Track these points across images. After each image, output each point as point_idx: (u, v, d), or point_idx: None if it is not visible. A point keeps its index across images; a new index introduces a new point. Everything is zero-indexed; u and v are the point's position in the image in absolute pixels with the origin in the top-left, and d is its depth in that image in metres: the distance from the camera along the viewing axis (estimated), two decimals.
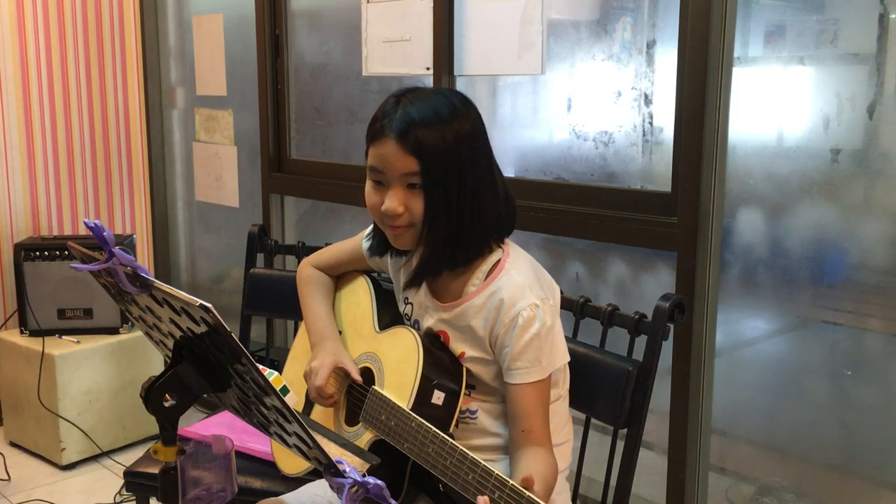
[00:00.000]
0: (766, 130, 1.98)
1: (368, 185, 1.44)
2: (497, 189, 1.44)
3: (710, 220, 1.96)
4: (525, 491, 1.13)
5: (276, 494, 1.64)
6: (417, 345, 1.43)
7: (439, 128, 1.35)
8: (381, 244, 1.57)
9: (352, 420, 1.52)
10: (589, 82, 2.31)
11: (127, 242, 3.31)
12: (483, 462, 1.20)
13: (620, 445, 1.62)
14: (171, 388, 1.10)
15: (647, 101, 2.17)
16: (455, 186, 1.37)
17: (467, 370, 1.46)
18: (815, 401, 1.99)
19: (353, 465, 1.04)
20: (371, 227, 1.61)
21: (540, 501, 1.11)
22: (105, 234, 1.08)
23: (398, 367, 1.45)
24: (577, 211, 2.22)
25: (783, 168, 1.93)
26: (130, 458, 2.83)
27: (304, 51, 3.10)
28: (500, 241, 1.48)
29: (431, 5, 2.48)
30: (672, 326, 1.59)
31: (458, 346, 1.47)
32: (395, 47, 2.62)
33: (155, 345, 1.25)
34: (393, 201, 1.39)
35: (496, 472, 1.18)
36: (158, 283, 1.05)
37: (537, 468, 1.32)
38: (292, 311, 1.93)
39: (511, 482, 1.15)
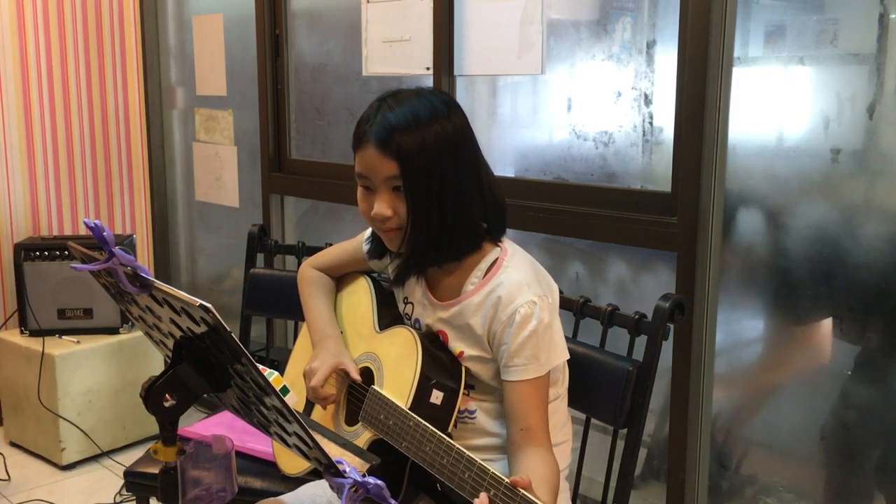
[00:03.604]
0: (766, 130, 1.98)
1: (359, 192, 1.45)
2: (483, 188, 1.44)
3: (710, 220, 1.96)
4: (520, 490, 1.13)
5: (276, 494, 1.64)
6: (416, 344, 1.43)
7: (419, 131, 1.36)
8: (378, 247, 1.58)
9: (351, 420, 1.52)
10: (589, 82, 2.31)
11: (127, 242, 3.31)
12: (479, 461, 1.21)
13: (620, 445, 1.62)
14: (171, 388, 1.10)
15: (647, 101, 2.17)
16: (437, 187, 1.37)
17: (466, 370, 1.46)
18: (815, 401, 1.99)
19: (352, 465, 1.04)
20: (370, 230, 1.61)
21: (534, 499, 1.11)
22: (105, 234, 1.08)
23: (397, 367, 1.45)
24: (577, 211, 2.22)
25: (783, 168, 1.93)
26: (130, 458, 2.83)
27: (304, 51, 3.10)
28: (496, 240, 1.48)
29: (431, 5, 2.48)
30: (672, 326, 1.59)
31: (456, 344, 1.47)
32: (395, 47, 2.62)
33: (155, 345, 1.25)
34: (381, 206, 1.40)
35: (491, 470, 1.18)
36: (158, 283, 1.05)
37: (539, 473, 1.31)
38: (292, 311, 1.93)
39: (506, 480, 1.15)
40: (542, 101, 2.48)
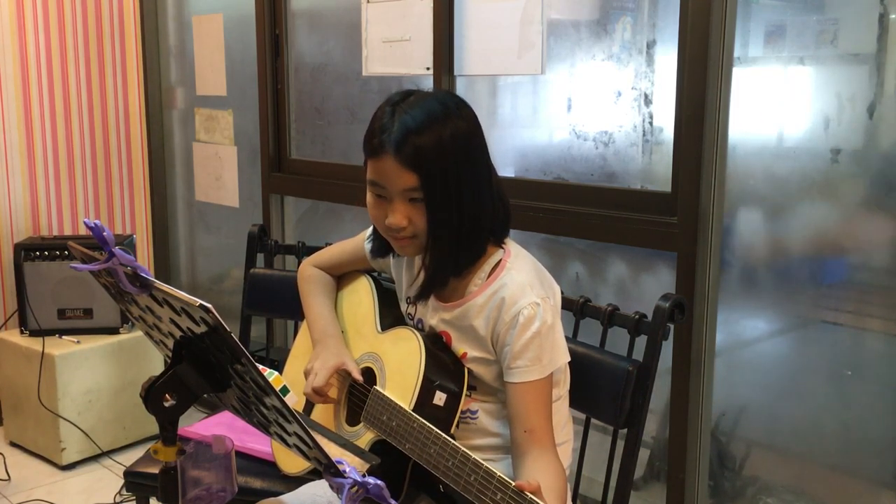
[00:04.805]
0: (766, 130, 1.98)
1: (370, 198, 1.43)
2: (493, 190, 1.44)
3: (710, 220, 1.96)
4: (527, 493, 1.13)
5: (276, 494, 1.64)
6: (419, 345, 1.43)
7: (435, 131, 1.35)
8: (382, 247, 1.56)
9: (353, 420, 1.52)
10: (589, 82, 2.31)
11: (127, 242, 3.31)
12: (485, 464, 1.20)
13: (620, 445, 1.62)
14: (171, 388, 1.10)
15: (647, 101, 2.17)
16: (454, 190, 1.36)
17: (469, 371, 1.46)
18: (815, 401, 1.99)
19: (353, 465, 1.04)
20: (371, 228, 1.61)
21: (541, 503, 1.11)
22: (105, 234, 1.08)
23: (400, 368, 1.45)
24: (577, 211, 2.22)
25: (783, 168, 1.93)
26: (130, 458, 2.83)
27: (304, 51, 3.10)
28: (500, 241, 1.48)
29: (431, 5, 2.48)
30: (672, 326, 1.59)
31: (460, 346, 1.47)
32: (395, 47, 2.62)
33: (155, 345, 1.25)
34: (396, 216, 1.38)
35: (498, 473, 1.17)
36: (158, 283, 1.05)
37: (547, 481, 1.29)
38: (292, 311, 1.93)
39: (513, 484, 1.15)
40: (542, 101, 2.48)
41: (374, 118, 1.40)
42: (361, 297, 1.66)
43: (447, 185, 1.36)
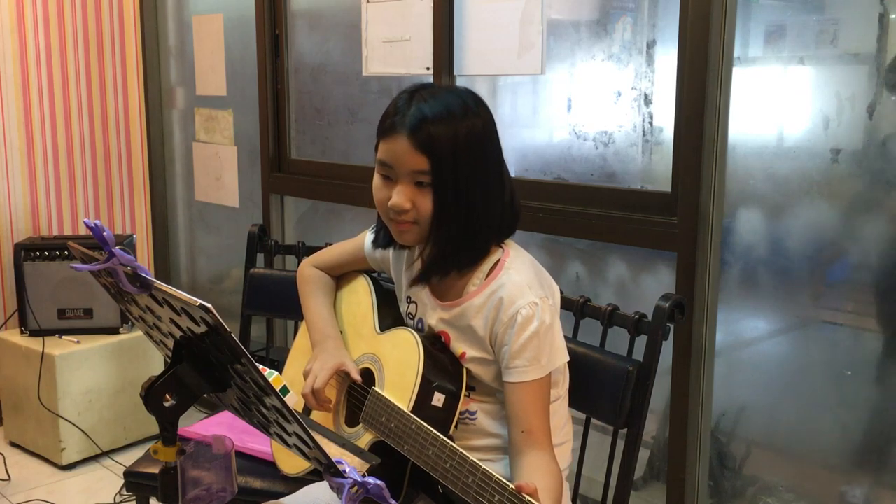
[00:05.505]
0: (766, 130, 1.98)
1: (376, 179, 1.44)
2: (505, 190, 1.44)
3: (710, 220, 1.96)
4: (525, 495, 1.12)
5: (276, 495, 1.64)
6: (418, 346, 1.43)
7: (451, 125, 1.35)
8: (386, 237, 1.55)
9: (352, 421, 1.52)
10: (589, 82, 2.31)
11: (127, 242, 3.31)
12: (483, 466, 1.20)
13: (620, 445, 1.62)
14: (171, 388, 1.10)
15: (647, 101, 2.17)
16: (464, 186, 1.37)
17: (468, 371, 1.46)
18: (815, 401, 1.99)
19: (353, 465, 1.04)
20: (373, 226, 1.61)
21: None
22: (105, 234, 1.08)
23: (398, 369, 1.45)
24: (577, 211, 2.22)
25: (783, 168, 1.93)
26: (130, 458, 2.83)
27: (304, 51, 3.10)
28: (500, 241, 1.48)
29: (431, 5, 2.48)
30: (672, 326, 1.59)
31: (458, 346, 1.47)
32: (395, 47, 2.62)
33: (155, 345, 1.25)
34: (400, 197, 1.38)
35: (496, 475, 1.17)
36: (158, 283, 1.05)
37: (543, 483, 1.29)
38: (292, 311, 1.93)
39: (511, 486, 1.15)
40: (542, 101, 2.48)
41: (391, 103, 1.41)
42: (360, 297, 1.66)
43: (457, 179, 1.36)
